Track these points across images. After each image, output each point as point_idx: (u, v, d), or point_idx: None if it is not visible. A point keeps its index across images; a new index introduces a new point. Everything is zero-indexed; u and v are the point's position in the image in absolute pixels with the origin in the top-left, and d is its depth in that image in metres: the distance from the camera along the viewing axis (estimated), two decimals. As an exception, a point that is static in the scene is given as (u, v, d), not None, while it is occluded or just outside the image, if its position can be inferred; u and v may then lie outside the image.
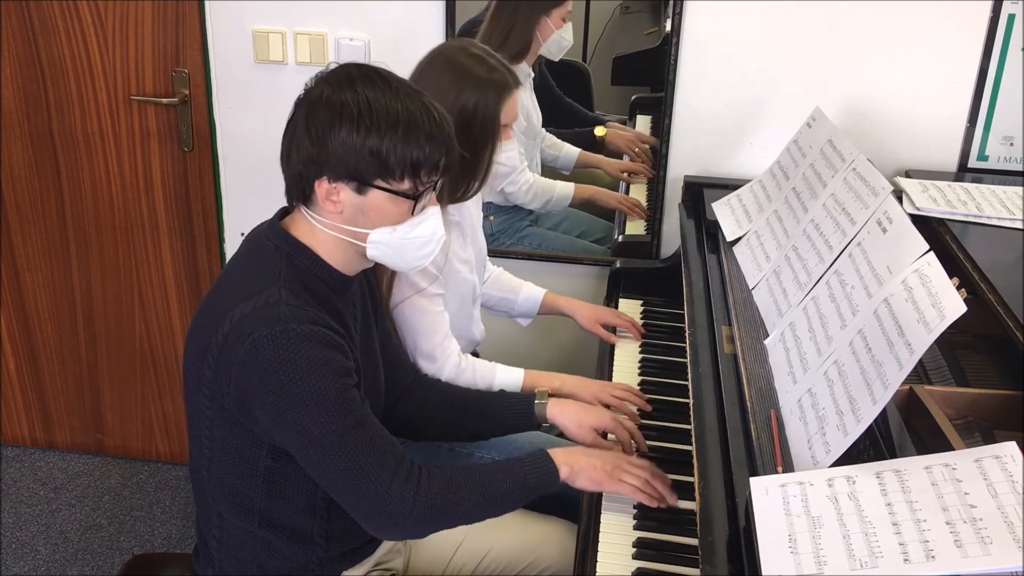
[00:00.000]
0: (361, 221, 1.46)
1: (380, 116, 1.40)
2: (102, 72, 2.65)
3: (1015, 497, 1.11)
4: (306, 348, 1.39)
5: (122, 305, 2.92)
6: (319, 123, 1.41)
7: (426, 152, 1.41)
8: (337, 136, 1.40)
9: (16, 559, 2.71)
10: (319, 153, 1.41)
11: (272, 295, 1.42)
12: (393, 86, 1.43)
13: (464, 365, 1.93)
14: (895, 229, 1.52)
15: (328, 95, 1.42)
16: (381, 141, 1.39)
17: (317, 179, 1.43)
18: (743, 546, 1.26)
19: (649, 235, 2.57)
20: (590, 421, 1.76)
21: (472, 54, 1.87)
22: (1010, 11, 2.21)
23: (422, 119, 1.42)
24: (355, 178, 1.42)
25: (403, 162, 1.41)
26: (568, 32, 2.45)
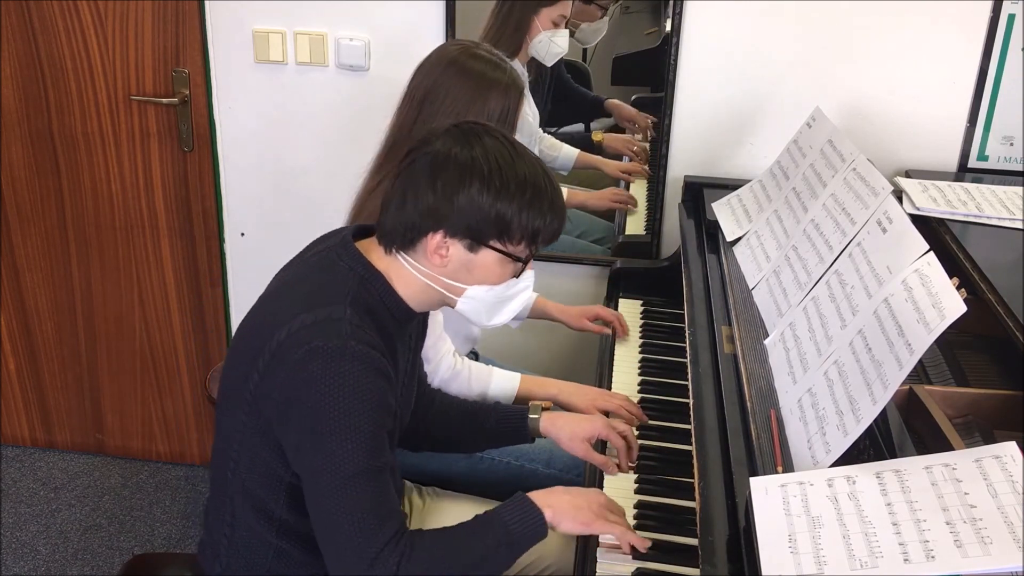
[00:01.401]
0: (462, 277, 1.45)
1: (510, 179, 1.39)
2: (102, 72, 2.65)
3: (1015, 497, 1.11)
4: (358, 369, 1.37)
5: (122, 305, 2.92)
6: (448, 178, 1.39)
7: (547, 220, 1.43)
8: (466, 194, 1.39)
9: (16, 559, 2.71)
10: (442, 207, 1.40)
11: (337, 311, 1.40)
12: (518, 148, 1.44)
13: (460, 367, 1.93)
14: (895, 229, 1.52)
15: (457, 152, 1.41)
16: (509, 205, 1.39)
17: (432, 232, 1.41)
18: (743, 546, 1.26)
19: (649, 235, 2.58)
20: (583, 432, 1.73)
21: (480, 57, 1.89)
22: (1010, 11, 2.21)
23: (546, 186, 1.43)
24: (472, 236, 1.41)
25: (525, 228, 1.41)
26: (560, 37, 2.42)
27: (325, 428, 1.37)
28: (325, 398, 1.36)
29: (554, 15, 2.41)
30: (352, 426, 1.36)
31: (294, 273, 1.56)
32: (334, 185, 2.66)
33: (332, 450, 1.37)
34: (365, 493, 1.38)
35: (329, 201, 2.67)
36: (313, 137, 2.61)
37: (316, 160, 2.64)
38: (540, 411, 1.78)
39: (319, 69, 2.53)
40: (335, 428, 1.36)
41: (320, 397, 1.36)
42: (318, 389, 1.36)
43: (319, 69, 2.53)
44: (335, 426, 1.36)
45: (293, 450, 1.43)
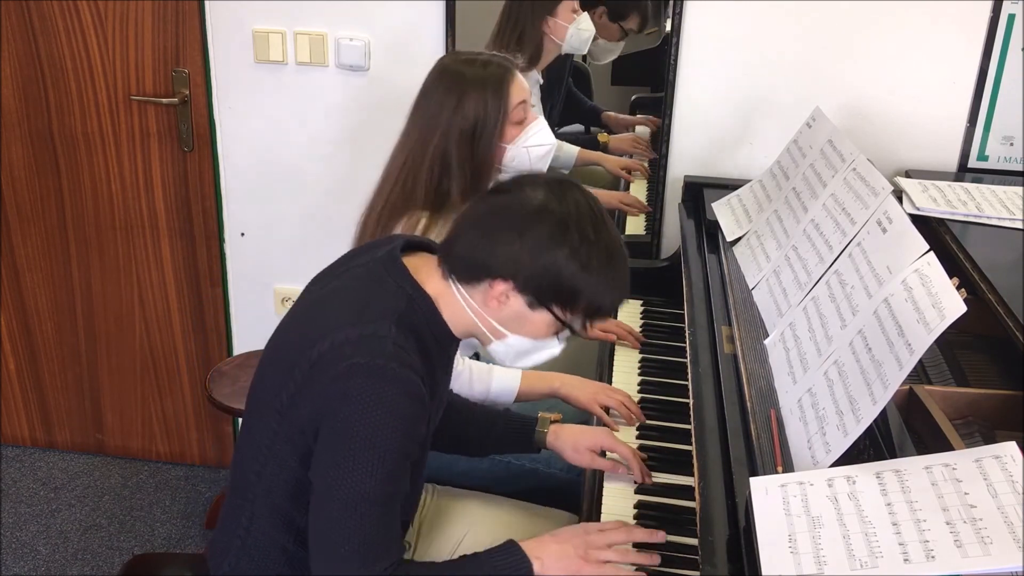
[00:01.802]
0: (511, 325, 1.44)
1: (595, 253, 1.38)
2: (102, 72, 2.65)
3: (1015, 497, 1.11)
4: (396, 393, 1.35)
5: (122, 305, 2.92)
6: (538, 234, 1.37)
7: (611, 303, 1.43)
8: (552, 257, 1.37)
9: (16, 559, 2.71)
10: (523, 261, 1.38)
11: (383, 328, 1.38)
12: (604, 216, 1.43)
13: (460, 367, 1.93)
14: (895, 229, 1.52)
15: (553, 209, 1.38)
16: (587, 281, 1.38)
17: (501, 279, 1.40)
18: (743, 546, 1.26)
19: (649, 235, 2.58)
20: (587, 443, 1.73)
21: (464, 59, 1.91)
22: (1010, 11, 2.21)
23: (622, 265, 1.42)
24: (538, 296, 1.40)
25: (591, 304, 1.41)
26: (585, 21, 2.43)
27: (350, 445, 1.35)
28: (357, 416, 1.34)
29: (571, 6, 2.42)
30: (377, 449, 1.35)
31: (340, 283, 1.52)
32: (334, 185, 2.66)
33: (351, 468, 1.35)
34: (372, 519, 1.36)
35: (329, 201, 2.67)
36: (313, 137, 2.61)
37: (316, 160, 2.64)
38: (548, 425, 1.77)
39: (319, 69, 2.53)
40: (360, 448, 1.35)
41: (353, 414, 1.35)
42: (353, 406, 1.35)
43: (319, 69, 2.53)
44: (361, 445, 1.35)
45: (316, 458, 1.41)
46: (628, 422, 1.86)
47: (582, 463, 1.74)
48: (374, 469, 1.35)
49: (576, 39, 2.44)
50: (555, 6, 2.41)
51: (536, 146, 1.95)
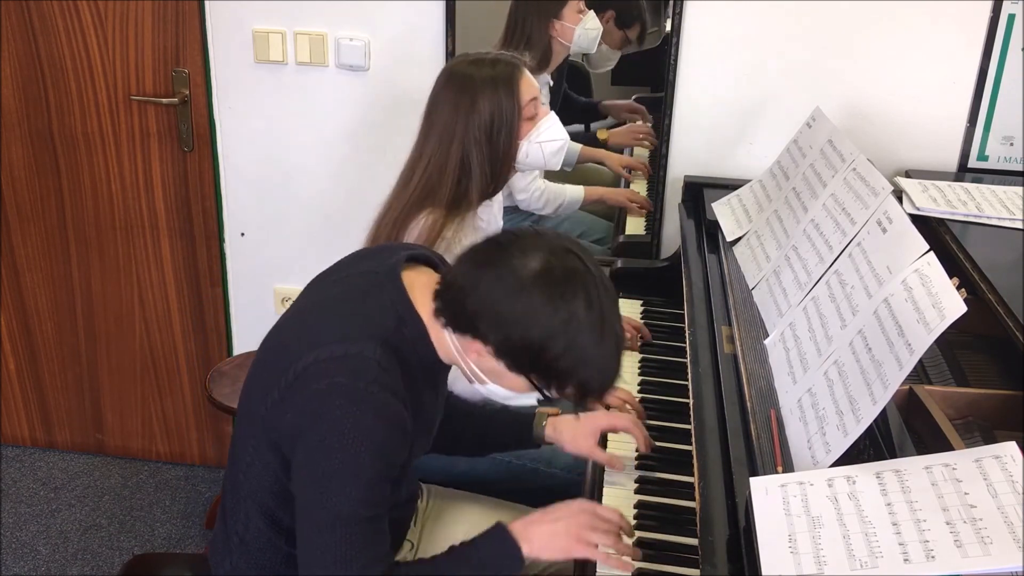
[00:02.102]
0: (490, 375, 1.42)
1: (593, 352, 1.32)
2: (102, 72, 2.65)
3: (1015, 497, 1.11)
4: (374, 418, 1.34)
5: (122, 305, 2.92)
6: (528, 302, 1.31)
7: (597, 389, 1.37)
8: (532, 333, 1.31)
9: (16, 559, 2.71)
10: (511, 333, 1.33)
11: (368, 349, 1.36)
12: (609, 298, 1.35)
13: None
14: (895, 229, 1.52)
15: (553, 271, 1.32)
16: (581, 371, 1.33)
17: (482, 336, 1.35)
18: (743, 546, 1.26)
19: (649, 235, 2.58)
20: (585, 430, 1.73)
21: (470, 61, 1.92)
22: (1010, 11, 2.21)
23: (615, 361, 1.36)
24: (514, 363, 1.36)
25: (575, 385, 1.36)
26: (592, 20, 2.44)
27: (327, 466, 1.35)
28: (335, 437, 1.34)
29: (577, 6, 2.42)
30: (354, 472, 1.34)
31: (336, 292, 1.51)
32: (334, 185, 2.66)
33: (328, 489, 1.35)
34: (351, 538, 1.36)
35: (329, 201, 2.67)
36: (313, 137, 2.61)
37: (316, 160, 2.64)
38: (546, 419, 1.77)
39: (319, 69, 2.53)
40: (336, 469, 1.34)
41: (330, 435, 1.34)
42: (330, 427, 1.34)
43: (319, 69, 2.53)
44: (337, 467, 1.34)
45: (294, 474, 1.42)
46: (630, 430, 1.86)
47: (581, 451, 1.74)
48: (350, 492, 1.35)
49: (584, 39, 2.44)
50: (560, 8, 2.41)
51: (549, 141, 1.96)
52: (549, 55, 2.45)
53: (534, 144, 1.95)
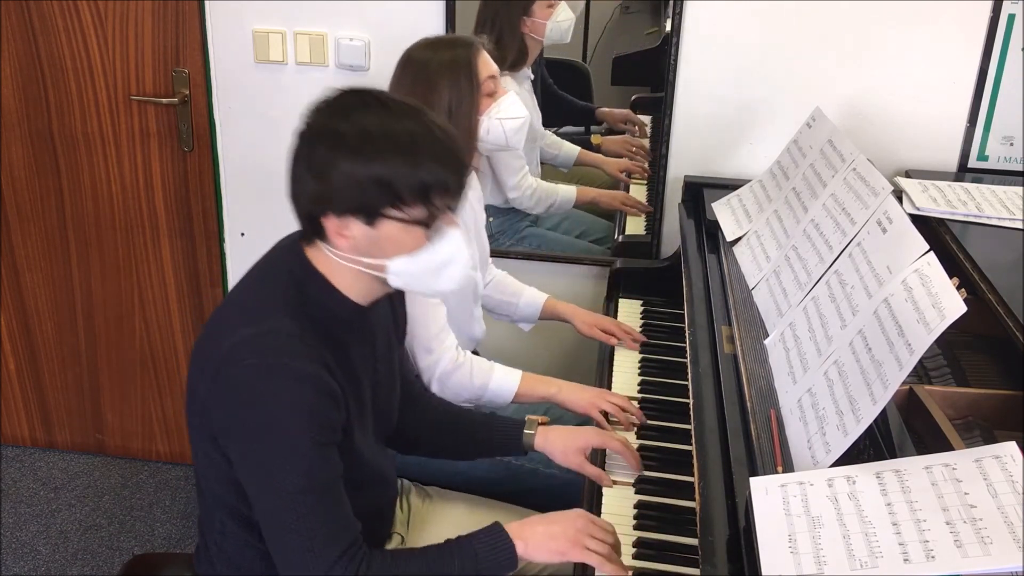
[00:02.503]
0: (376, 252, 1.39)
1: (380, 142, 1.33)
2: (102, 72, 2.65)
3: (1015, 497, 1.11)
4: (295, 388, 1.34)
5: (122, 305, 2.92)
6: (318, 157, 1.34)
7: (435, 175, 1.34)
8: (339, 169, 1.32)
9: (16, 559, 2.71)
10: (323, 189, 1.34)
11: (275, 323, 1.37)
12: (392, 108, 1.36)
13: (461, 360, 1.93)
14: (895, 229, 1.52)
15: (325, 125, 1.36)
16: (385, 168, 1.32)
17: (324, 216, 1.36)
18: (743, 546, 1.26)
19: (649, 235, 2.58)
20: (576, 444, 1.73)
21: (426, 45, 1.90)
22: (1010, 11, 2.21)
23: (426, 139, 1.34)
24: (363, 211, 1.34)
25: (412, 188, 1.33)
26: (563, 12, 2.43)
27: (262, 448, 1.35)
28: (261, 417, 1.34)
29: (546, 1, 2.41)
30: (290, 447, 1.34)
31: (243, 281, 1.52)
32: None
33: (270, 470, 1.35)
34: (308, 511, 1.36)
35: (329, 201, 2.67)
36: (313, 137, 2.61)
37: (316, 160, 2.63)
38: (536, 426, 1.76)
39: (319, 69, 2.53)
40: (272, 448, 1.35)
41: (254, 416, 1.35)
42: (255, 409, 1.35)
43: (319, 69, 2.53)
44: (272, 446, 1.35)
45: (237, 465, 1.42)
46: (626, 427, 1.86)
47: (571, 465, 1.73)
48: (292, 465, 1.35)
49: (556, 31, 2.44)
50: (530, 6, 2.41)
51: (509, 119, 1.93)
52: (525, 52, 2.45)
53: (494, 120, 1.92)
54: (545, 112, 2.62)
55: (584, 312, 2.22)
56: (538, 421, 1.77)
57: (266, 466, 1.36)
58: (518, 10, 2.41)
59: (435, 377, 1.92)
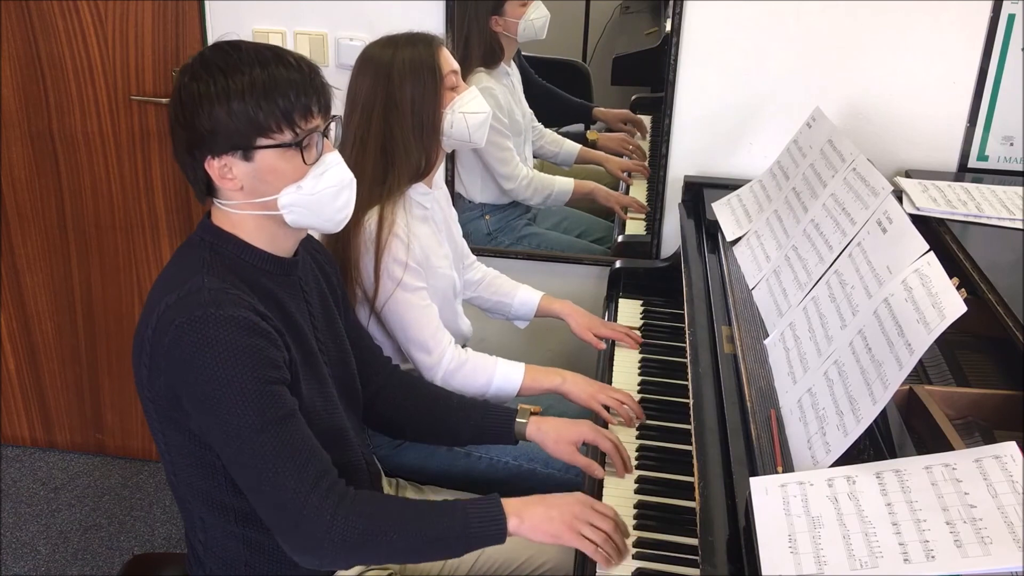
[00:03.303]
0: (263, 189, 1.45)
1: (235, 79, 1.39)
2: (102, 72, 2.65)
3: (1015, 497, 1.11)
4: (226, 333, 1.37)
5: (122, 305, 2.92)
6: (184, 109, 1.41)
7: (291, 97, 1.41)
8: (203, 113, 1.40)
9: (16, 559, 2.71)
10: (193, 136, 1.42)
11: (195, 283, 1.41)
12: (243, 49, 1.43)
13: (463, 358, 1.93)
14: (895, 229, 1.52)
15: (186, 81, 1.42)
16: (244, 102, 1.39)
17: (204, 162, 1.43)
18: (743, 546, 1.26)
19: (649, 235, 2.58)
20: (569, 436, 1.73)
21: (384, 43, 1.90)
22: (1010, 11, 2.21)
23: (277, 68, 1.41)
24: (236, 146, 1.41)
25: (272, 113, 1.40)
26: (537, 11, 2.43)
27: (211, 398, 1.38)
28: (203, 370, 1.37)
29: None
30: (235, 389, 1.37)
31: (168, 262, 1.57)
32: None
33: (224, 418, 1.38)
34: (269, 448, 1.38)
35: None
36: (313, 137, 2.61)
37: (316, 160, 2.63)
38: (528, 415, 1.77)
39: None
40: (220, 395, 1.37)
41: (198, 370, 1.37)
42: (194, 363, 1.37)
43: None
44: (219, 394, 1.37)
45: (197, 430, 1.44)
46: (627, 423, 1.86)
47: (562, 456, 1.74)
48: (245, 408, 1.37)
49: (530, 29, 2.44)
50: (501, 5, 2.41)
51: (472, 113, 1.92)
52: (498, 50, 2.44)
53: (457, 114, 1.91)
54: (540, 110, 2.62)
55: (579, 312, 2.22)
56: (530, 411, 1.78)
57: (219, 413, 1.38)
58: (487, 9, 2.41)
59: (439, 376, 1.92)
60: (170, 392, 1.42)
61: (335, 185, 1.48)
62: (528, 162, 2.60)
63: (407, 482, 1.93)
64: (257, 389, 1.38)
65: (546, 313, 2.24)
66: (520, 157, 2.54)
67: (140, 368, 1.46)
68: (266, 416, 1.38)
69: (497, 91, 2.44)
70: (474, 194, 2.57)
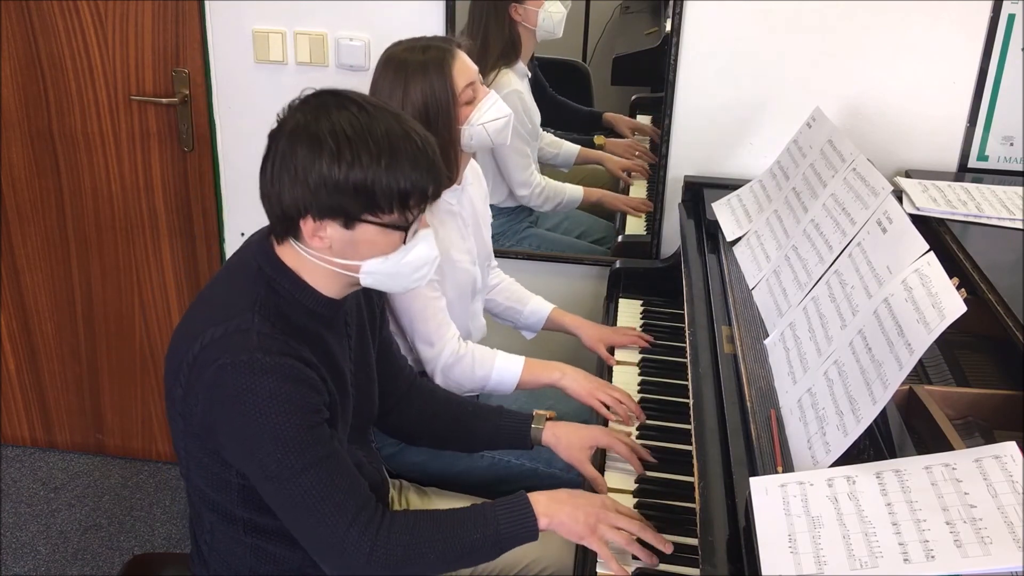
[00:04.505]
0: (351, 254, 1.41)
1: (360, 146, 1.34)
2: (102, 72, 2.65)
3: (1015, 497, 1.11)
4: (270, 381, 1.35)
5: (122, 305, 2.92)
6: (297, 159, 1.36)
7: (412, 180, 1.36)
8: (317, 172, 1.34)
9: (16, 559, 2.71)
10: (301, 192, 1.36)
11: (244, 321, 1.38)
12: (370, 111, 1.37)
13: (463, 351, 1.93)
14: (895, 229, 1.52)
15: (303, 127, 1.37)
16: (364, 174, 1.34)
17: (302, 218, 1.38)
18: (743, 546, 1.26)
19: (649, 235, 2.58)
20: (581, 441, 1.73)
21: (405, 47, 1.89)
22: (1010, 11, 2.21)
23: (405, 145, 1.36)
24: (341, 215, 1.37)
25: (390, 194, 1.35)
26: (555, 4, 2.42)
27: (251, 442, 1.37)
28: (242, 415, 1.36)
29: None
30: (274, 435, 1.36)
31: (214, 280, 1.54)
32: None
33: (264, 461, 1.37)
34: (310, 487, 1.38)
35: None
36: (313, 137, 2.61)
37: (316, 160, 2.63)
38: (544, 421, 1.77)
39: (319, 69, 2.53)
40: (260, 441, 1.36)
41: (237, 415, 1.36)
42: (236, 408, 1.36)
43: (319, 69, 2.53)
44: (258, 439, 1.36)
45: (231, 460, 1.43)
46: (625, 421, 1.86)
47: (573, 461, 1.74)
48: (284, 454, 1.36)
49: (548, 22, 2.42)
50: None
51: (491, 121, 1.91)
52: (516, 42, 2.43)
53: (476, 127, 1.89)
54: (548, 119, 2.62)
55: (590, 325, 2.20)
56: (546, 416, 1.78)
57: (258, 456, 1.37)
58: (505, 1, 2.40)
59: (438, 369, 1.92)
60: (206, 421, 1.41)
61: (420, 261, 1.45)
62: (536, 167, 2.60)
63: (410, 483, 1.93)
64: (298, 435, 1.37)
65: (556, 326, 2.22)
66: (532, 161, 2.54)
67: (175, 387, 1.43)
68: (306, 459, 1.38)
69: (525, 93, 2.44)
70: None
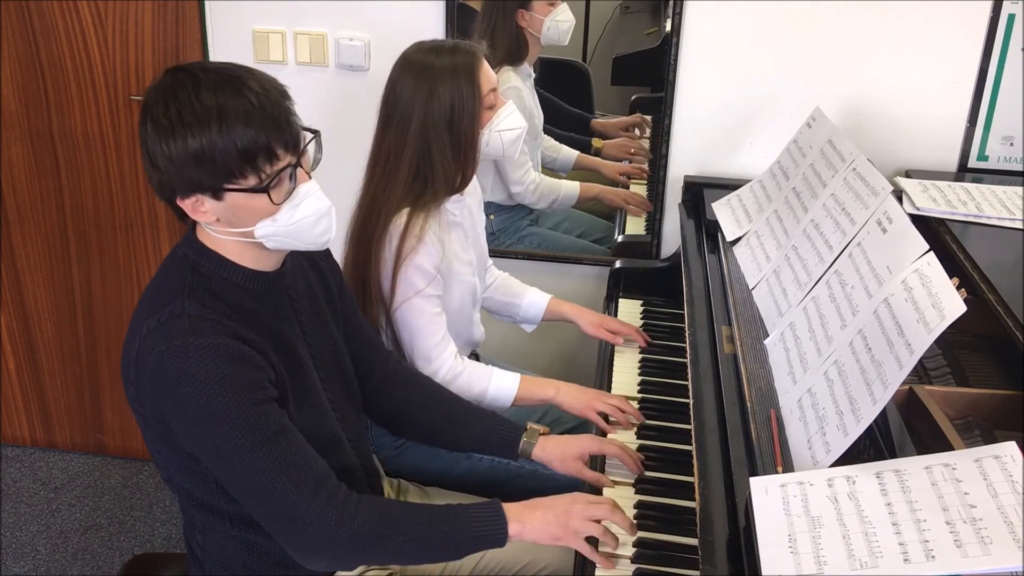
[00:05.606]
0: (237, 222, 1.40)
1: (188, 117, 1.32)
2: (102, 72, 2.65)
3: (1015, 497, 1.11)
4: (207, 363, 1.35)
5: (122, 305, 2.92)
6: (148, 145, 1.36)
7: (250, 138, 1.33)
8: (162, 152, 1.34)
9: (16, 559, 2.71)
10: (159, 175, 1.37)
11: (176, 308, 1.39)
12: (201, 78, 1.35)
13: (460, 368, 1.93)
14: (895, 229, 1.52)
15: (145, 111, 1.37)
16: (199, 142, 1.32)
17: (176, 199, 1.39)
18: (743, 546, 1.26)
19: (649, 235, 2.58)
20: (573, 452, 1.73)
21: (428, 49, 1.89)
22: (1010, 11, 2.21)
23: (235, 104, 1.33)
24: (202, 188, 1.36)
25: (231, 156, 1.33)
26: (564, 13, 2.43)
27: (199, 426, 1.37)
28: (187, 400, 1.36)
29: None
30: (222, 417, 1.36)
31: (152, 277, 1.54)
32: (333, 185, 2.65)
33: (215, 443, 1.38)
34: (265, 465, 1.38)
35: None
36: (313, 137, 2.61)
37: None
38: (537, 437, 1.76)
39: (319, 69, 2.53)
40: (207, 424, 1.36)
41: (183, 400, 1.36)
42: (178, 393, 1.36)
43: (319, 69, 2.53)
44: (206, 422, 1.36)
45: (188, 449, 1.44)
46: (625, 427, 1.85)
47: (570, 473, 1.73)
48: (234, 430, 1.36)
49: (554, 31, 2.43)
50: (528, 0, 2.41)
51: (508, 130, 1.93)
52: (522, 46, 2.44)
53: (494, 133, 1.92)
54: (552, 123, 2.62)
55: (589, 312, 2.21)
56: (539, 431, 1.77)
57: (209, 439, 1.38)
58: (516, 2, 2.41)
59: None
60: (157, 413, 1.42)
61: (311, 215, 1.43)
62: (537, 166, 2.60)
63: (409, 483, 1.93)
64: (243, 413, 1.37)
65: (555, 315, 2.23)
66: (532, 162, 2.54)
67: (128, 385, 1.46)
68: (256, 437, 1.38)
69: (524, 92, 2.44)
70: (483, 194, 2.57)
